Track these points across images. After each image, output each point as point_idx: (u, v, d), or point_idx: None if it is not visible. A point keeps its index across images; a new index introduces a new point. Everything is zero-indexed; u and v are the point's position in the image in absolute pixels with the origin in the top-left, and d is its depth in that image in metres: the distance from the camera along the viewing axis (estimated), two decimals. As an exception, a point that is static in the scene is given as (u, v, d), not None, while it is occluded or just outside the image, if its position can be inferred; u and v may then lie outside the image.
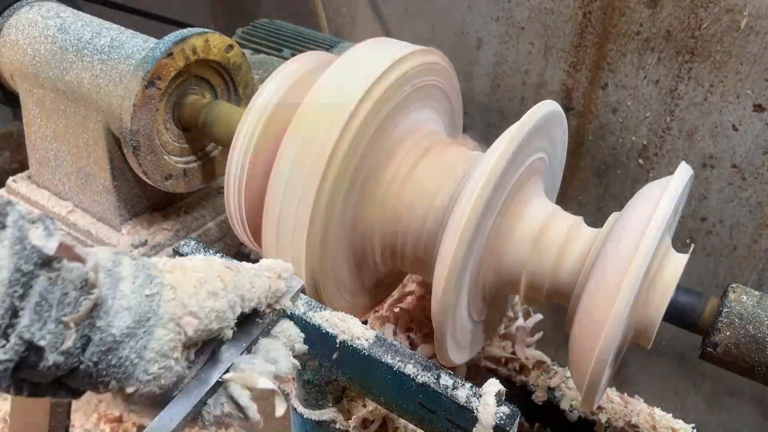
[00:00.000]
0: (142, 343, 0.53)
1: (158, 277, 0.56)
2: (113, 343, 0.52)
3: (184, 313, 0.56)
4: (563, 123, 0.82)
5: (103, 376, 0.53)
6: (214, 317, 0.58)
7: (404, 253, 0.80)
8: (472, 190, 0.68)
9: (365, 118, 0.72)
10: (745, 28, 1.10)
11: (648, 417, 0.96)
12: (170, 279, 0.57)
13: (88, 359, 0.51)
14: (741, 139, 1.19)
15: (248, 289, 0.62)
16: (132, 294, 0.54)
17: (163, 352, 0.54)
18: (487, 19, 1.39)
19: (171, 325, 0.55)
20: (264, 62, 1.23)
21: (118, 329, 0.52)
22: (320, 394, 0.75)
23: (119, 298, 0.53)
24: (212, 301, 0.58)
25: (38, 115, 1.00)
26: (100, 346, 0.52)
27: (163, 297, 0.55)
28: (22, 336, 0.46)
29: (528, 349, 1.03)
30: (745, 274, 1.31)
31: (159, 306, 0.55)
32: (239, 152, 0.79)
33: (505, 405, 0.62)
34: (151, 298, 0.54)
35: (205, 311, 0.57)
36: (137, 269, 0.56)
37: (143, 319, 0.53)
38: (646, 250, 0.63)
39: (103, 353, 0.52)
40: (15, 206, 0.49)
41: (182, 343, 0.56)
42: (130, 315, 0.53)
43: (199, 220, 1.04)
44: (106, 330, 0.52)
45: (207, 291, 0.58)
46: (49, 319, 0.48)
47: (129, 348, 0.53)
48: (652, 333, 0.69)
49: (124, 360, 0.53)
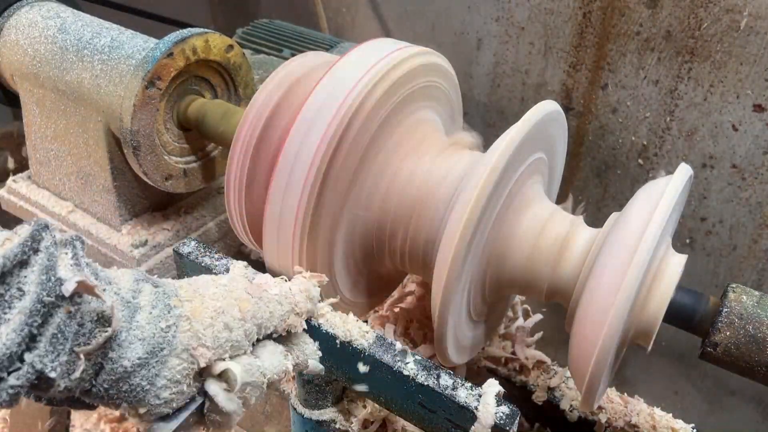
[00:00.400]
0: (155, 372, 0.55)
1: (177, 307, 0.57)
2: (124, 373, 0.53)
3: (198, 344, 0.57)
4: (563, 123, 0.82)
5: (114, 399, 0.54)
6: (229, 347, 0.59)
7: (404, 252, 0.80)
8: (472, 190, 0.68)
9: (366, 119, 0.72)
10: (745, 28, 1.10)
11: (648, 417, 0.96)
12: (188, 308, 0.58)
13: (100, 385, 0.53)
14: (741, 139, 1.19)
15: (267, 318, 0.63)
16: (147, 325, 0.55)
17: (175, 379, 0.56)
18: (487, 19, 1.39)
19: (185, 355, 0.56)
20: (264, 62, 1.23)
21: (129, 361, 0.53)
22: (320, 394, 0.75)
23: (134, 329, 0.54)
24: (227, 333, 0.59)
25: (38, 115, 1.00)
26: (111, 375, 0.53)
27: (180, 327, 0.56)
28: (34, 365, 0.47)
29: (528, 349, 1.03)
30: (745, 274, 1.31)
31: (174, 336, 0.56)
32: (239, 152, 0.79)
33: (505, 405, 0.62)
34: (166, 330, 0.56)
35: (219, 342, 0.58)
36: (156, 298, 0.57)
37: (156, 350, 0.55)
38: (646, 250, 0.63)
39: (114, 381, 0.53)
40: (50, 230, 0.50)
41: (195, 372, 0.57)
42: (143, 346, 0.54)
43: (199, 220, 1.04)
44: (117, 361, 0.53)
45: (223, 323, 0.59)
46: (63, 351, 0.49)
47: (140, 377, 0.54)
48: (652, 333, 0.69)
49: (136, 387, 0.54)
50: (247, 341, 0.61)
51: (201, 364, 0.57)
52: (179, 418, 0.57)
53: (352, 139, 0.72)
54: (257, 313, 0.62)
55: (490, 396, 0.63)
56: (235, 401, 0.58)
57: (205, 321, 0.58)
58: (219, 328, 0.58)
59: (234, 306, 0.60)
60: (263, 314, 0.62)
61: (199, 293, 0.60)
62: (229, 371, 0.58)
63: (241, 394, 0.59)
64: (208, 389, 0.57)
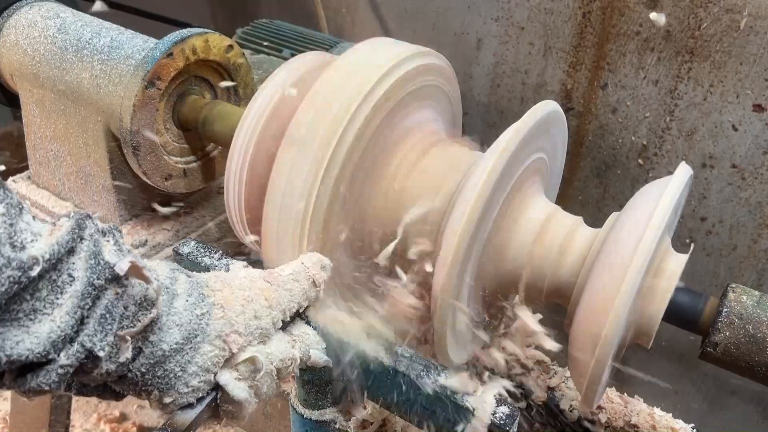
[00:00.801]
0: (188, 358, 0.57)
1: (210, 296, 0.60)
2: (161, 357, 0.55)
3: (230, 331, 0.59)
4: (563, 123, 0.82)
5: (148, 386, 0.56)
6: (258, 334, 0.61)
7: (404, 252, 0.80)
8: (471, 190, 0.68)
9: (365, 119, 0.72)
10: (744, 28, 1.10)
11: (648, 417, 0.96)
12: (220, 298, 0.60)
13: (137, 369, 0.55)
14: (741, 139, 1.19)
15: (288, 299, 0.65)
16: (184, 311, 0.57)
17: (206, 367, 0.58)
18: (487, 19, 1.39)
19: (218, 342, 0.58)
20: (264, 62, 1.23)
21: (168, 344, 0.55)
22: (320, 394, 0.75)
23: (173, 315, 0.56)
24: (257, 321, 0.61)
25: (38, 115, 1.00)
26: (150, 359, 0.55)
27: (213, 315, 0.59)
28: (84, 344, 0.49)
29: (528, 349, 1.03)
30: (745, 274, 1.31)
31: (208, 324, 0.58)
32: (239, 152, 0.79)
33: (505, 405, 0.62)
34: (201, 317, 0.58)
35: (250, 329, 0.61)
36: (191, 287, 0.59)
37: (191, 336, 0.57)
38: (646, 250, 0.63)
39: (151, 365, 0.55)
40: (92, 219, 0.52)
41: (225, 360, 0.59)
42: (180, 332, 0.56)
43: (199, 220, 1.04)
44: (157, 345, 0.55)
45: (253, 310, 0.61)
46: (110, 331, 0.51)
47: (175, 362, 0.56)
48: (652, 333, 0.69)
49: (169, 372, 0.56)
50: (273, 328, 0.63)
51: (233, 350, 0.59)
52: (196, 409, 0.58)
53: (353, 139, 0.72)
54: (281, 299, 0.64)
55: (490, 395, 0.63)
56: (245, 390, 0.60)
57: (237, 309, 0.60)
58: (250, 316, 0.61)
59: (260, 295, 0.63)
60: (284, 298, 0.65)
61: (227, 284, 0.62)
62: (254, 358, 0.60)
63: (252, 383, 0.60)
64: (220, 379, 0.59)
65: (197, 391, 0.58)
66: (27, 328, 0.46)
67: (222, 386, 0.59)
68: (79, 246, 0.50)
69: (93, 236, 0.51)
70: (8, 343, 0.45)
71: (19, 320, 0.46)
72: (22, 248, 0.46)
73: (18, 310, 0.46)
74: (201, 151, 0.99)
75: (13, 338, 0.46)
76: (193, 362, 0.57)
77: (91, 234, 0.51)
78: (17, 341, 0.46)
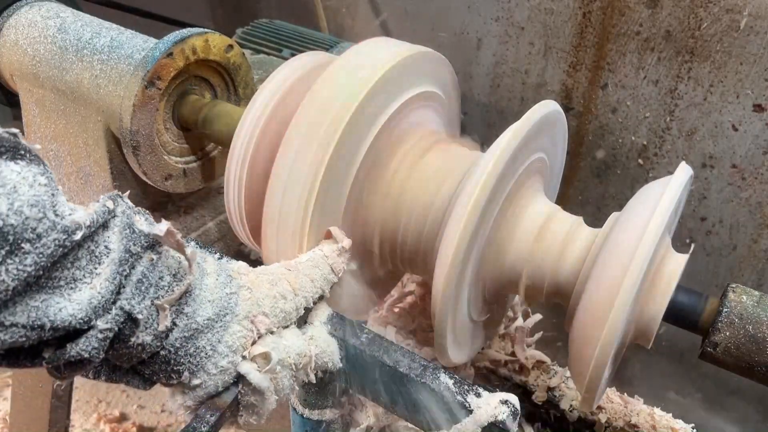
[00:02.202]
0: (218, 337, 0.58)
1: (236, 279, 0.61)
2: (195, 331, 0.56)
3: (258, 312, 0.60)
4: (563, 123, 0.82)
5: (179, 365, 0.57)
6: (282, 317, 0.63)
7: (404, 252, 0.80)
8: (471, 190, 0.68)
9: (365, 119, 0.72)
10: (745, 28, 1.10)
11: (648, 417, 0.96)
12: (246, 280, 0.62)
13: (170, 345, 0.56)
14: (741, 139, 1.19)
15: (310, 285, 0.67)
16: (215, 288, 0.58)
17: (234, 347, 0.59)
18: (487, 19, 1.39)
19: (246, 322, 0.60)
20: (264, 62, 1.23)
21: (202, 317, 0.57)
22: (320, 394, 0.75)
23: (204, 290, 0.58)
24: (283, 303, 0.63)
25: (38, 115, 1.00)
26: (184, 332, 0.56)
27: (241, 296, 0.60)
28: (123, 307, 0.51)
29: (528, 349, 1.03)
30: (745, 274, 1.31)
31: (236, 304, 0.60)
32: (239, 152, 0.79)
33: (505, 405, 0.62)
34: (230, 296, 0.59)
35: (276, 311, 0.62)
36: (220, 268, 0.61)
37: (222, 314, 0.58)
38: (646, 250, 0.63)
39: (185, 339, 0.56)
40: (123, 198, 0.54)
41: (251, 342, 0.60)
42: (212, 307, 0.57)
43: (199, 220, 1.04)
44: (192, 317, 0.56)
45: (278, 293, 0.63)
46: (147, 296, 0.52)
47: (206, 339, 0.57)
48: (652, 333, 0.69)
49: (200, 350, 0.57)
50: (296, 314, 0.65)
51: (261, 331, 0.60)
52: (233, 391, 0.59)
53: (352, 139, 0.72)
54: (303, 285, 0.66)
55: (493, 396, 0.63)
56: (266, 379, 0.60)
57: (263, 291, 0.62)
58: (276, 298, 0.62)
59: (283, 279, 0.64)
60: (306, 284, 0.66)
61: (251, 269, 0.64)
62: (267, 353, 0.60)
63: (273, 375, 0.61)
64: (240, 369, 0.59)
65: (224, 374, 0.59)
66: (69, 295, 0.48)
67: (243, 375, 0.59)
68: (113, 222, 0.52)
69: (125, 212, 0.53)
70: (51, 309, 0.47)
71: (61, 288, 0.48)
72: (63, 217, 0.47)
73: (60, 277, 0.48)
74: (201, 151, 0.99)
75: (56, 305, 0.47)
76: (222, 341, 0.58)
77: (123, 210, 0.53)
78: (60, 308, 0.47)
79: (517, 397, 0.63)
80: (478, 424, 0.61)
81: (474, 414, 0.62)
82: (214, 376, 0.58)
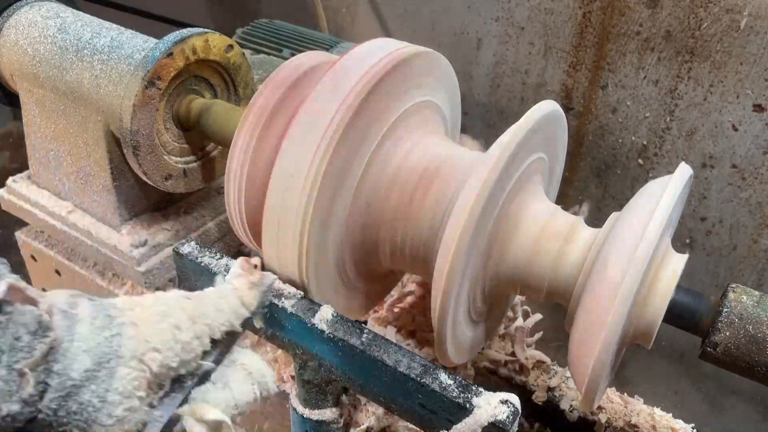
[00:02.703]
0: (104, 386, 0.51)
1: (118, 317, 0.55)
2: (72, 387, 0.50)
3: (147, 349, 0.54)
4: (563, 123, 0.82)
5: (65, 425, 0.50)
6: (180, 349, 0.57)
7: (404, 252, 0.80)
8: (472, 190, 0.68)
9: (365, 118, 0.72)
10: (745, 28, 1.10)
11: (648, 417, 0.96)
12: (131, 317, 0.55)
13: (47, 407, 0.49)
14: (741, 139, 1.19)
15: (214, 314, 0.61)
16: (91, 335, 0.52)
17: (127, 392, 0.53)
18: (487, 19, 1.39)
19: (134, 362, 0.53)
20: (264, 62, 1.23)
21: (77, 372, 0.50)
22: (320, 394, 0.75)
23: (77, 340, 0.51)
24: (177, 333, 0.57)
25: (38, 115, 1.00)
26: (59, 392, 0.49)
27: (124, 335, 0.54)
28: None
29: (528, 349, 1.03)
30: (745, 274, 1.31)
31: (120, 345, 0.53)
32: (239, 152, 0.79)
33: (505, 404, 0.62)
34: (110, 339, 0.53)
35: (169, 344, 0.56)
36: (95, 309, 0.54)
37: (104, 360, 0.52)
38: (646, 250, 0.63)
39: (62, 398, 0.49)
40: None
41: (147, 381, 0.54)
42: (89, 357, 0.51)
43: (199, 220, 1.04)
44: (64, 373, 0.49)
45: (170, 324, 0.57)
46: (0, 365, 0.46)
47: (90, 392, 0.51)
48: (652, 333, 0.69)
49: (86, 405, 0.50)
50: (200, 344, 0.59)
51: (153, 369, 0.54)
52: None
53: (353, 140, 0.72)
54: (205, 312, 0.60)
55: (493, 396, 0.63)
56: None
57: (153, 325, 0.56)
58: (167, 330, 0.56)
59: (177, 308, 0.59)
60: (209, 312, 0.61)
61: (138, 302, 0.58)
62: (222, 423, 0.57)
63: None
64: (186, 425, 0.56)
65: (123, 422, 0.52)
66: None
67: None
68: None
69: None
70: None
71: None
72: None
73: None
74: (201, 151, 0.99)
75: None
76: (111, 389, 0.51)
77: None
78: None
79: (517, 397, 0.63)
80: (478, 424, 0.61)
81: (474, 414, 0.61)
82: (112, 427, 0.52)
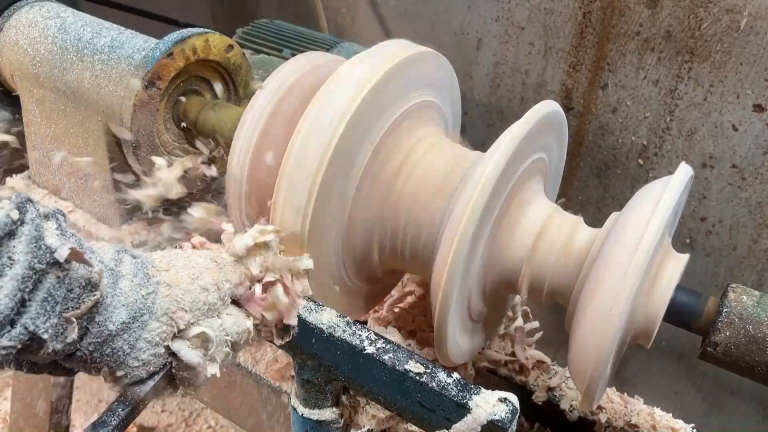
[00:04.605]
0: (136, 336, 0.58)
1: (155, 276, 0.61)
2: (108, 336, 0.56)
3: (177, 308, 0.61)
4: (563, 123, 0.82)
5: (97, 363, 0.57)
6: (206, 309, 0.63)
7: (404, 251, 0.80)
8: (472, 190, 0.68)
9: (366, 118, 0.72)
10: (745, 28, 1.10)
11: (648, 417, 0.96)
12: (166, 277, 0.62)
13: (85, 348, 0.56)
14: (741, 139, 1.19)
15: (237, 278, 0.68)
16: (130, 292, 0.58)
17: (155, 342, 0.59)
18: (487, 19, 1.39)
19: (164, 318, 0.60)
20: (264, 62, 1.23)
21: (114, 324, 0.56)
22: (320, 394, 0.75)
23: (118, 295, 0.57)
24: (205, 296, 0.63)
25: (38, 115, 1.00)
26: (97, 338, 0.56)
27: (159, 294, 0.60)
28: (26, 327, 0.50)
29: (528, 349, 1.03)
30: (745, 274, 1.31)
31: (154, 302, 0.59)
32: (239, 152, 0.79)
33: (504, 403, 0.62)
34: (146, 297, 0.59)
35: (197, 305, 0.62)
36: (136, 267, 0.60)
37: (138, 315, 0.58)
38: (646, 250, 0.63)
39: (99, 344, 0.56)
40: (33, 203, 0.52)
41: (174, 334, 0.61)
42: (126, 311, 0.57)
43: (199, 220, 1.04)
44: (103, 325, 0.56)
45: (199, 287, 0.63)
46: (53, 314, 0.51)
47: (123, 340, 0.57)
48: (652, 333, 0.69)
49: (117, 350, 0.57)
50: (222, 304, 0.65)
51: (180, 326, 0.61)
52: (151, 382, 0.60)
53: (353, 138, 0.72)
54: (229, 277, 0.67)
55: (492, 395, 0.63)
56: (198, 356, 0.62)
57: (183, 286, 0.62)
58: (196, 293, 0.63)
59: (204, 271, 0.65)
60: (232, 276, 0.67)
61: (173, 263, 0.64)
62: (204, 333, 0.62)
63: (206, 352, 0.63)
64: (172, 347, 0.61)
65: (148, 365, 0.59)
66: None
67: (175, 352, 0.61)
68: (20, 230, 0.50)
69: (34, 220, 0.51)
70: None
71: None
72: None
73: None
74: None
75: None
76: (141, 338, 0.58)
77: (32, 218, 0.51)
78: None
79: (515, 396, 0.63)
80: (477, 422, 0.61)
81: (473, 413, 0.62)
82: (136, 368, 0.59)
